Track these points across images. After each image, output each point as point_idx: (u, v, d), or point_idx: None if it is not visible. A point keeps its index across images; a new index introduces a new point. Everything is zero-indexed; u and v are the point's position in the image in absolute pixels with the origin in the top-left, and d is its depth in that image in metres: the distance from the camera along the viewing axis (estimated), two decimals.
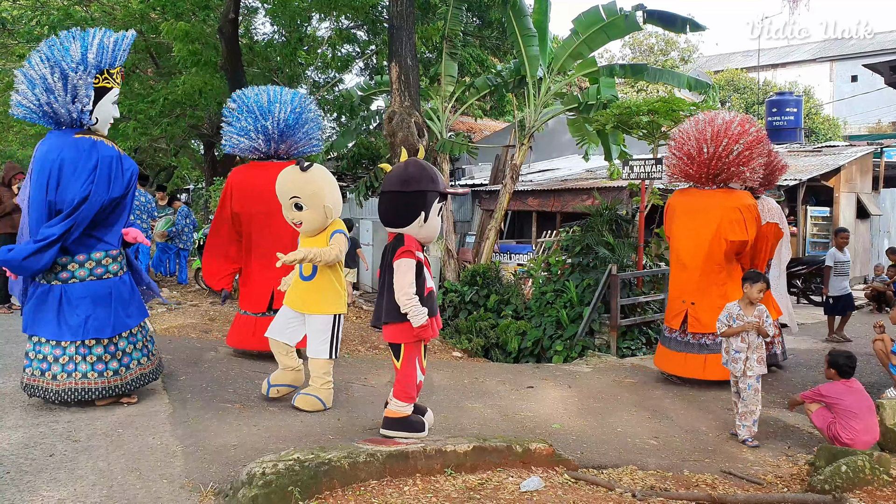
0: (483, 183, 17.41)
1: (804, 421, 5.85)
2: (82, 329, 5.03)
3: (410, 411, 4.95)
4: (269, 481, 3.54)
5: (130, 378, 5.24)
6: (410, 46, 10.96)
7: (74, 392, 5.04)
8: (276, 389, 5.64)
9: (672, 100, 10.41)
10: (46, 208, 5.00)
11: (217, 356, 7.15)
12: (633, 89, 29.37)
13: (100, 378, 5.10)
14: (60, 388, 5.01)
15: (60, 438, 4.53)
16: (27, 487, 3.78)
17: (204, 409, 5.31)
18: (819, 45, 42.93)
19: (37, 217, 5.03)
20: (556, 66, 12.72)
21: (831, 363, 5.36)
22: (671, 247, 7.44)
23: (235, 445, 4.55)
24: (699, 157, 7.01)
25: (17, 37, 16.85)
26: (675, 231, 7.29)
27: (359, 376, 6.93)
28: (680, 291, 7.21)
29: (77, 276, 5.09)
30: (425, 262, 4.89)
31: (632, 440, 5.47)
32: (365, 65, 20.27)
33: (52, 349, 5.04)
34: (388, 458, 3.93)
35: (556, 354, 9.39)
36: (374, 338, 9.28)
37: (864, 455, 4.42)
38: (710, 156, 6.94)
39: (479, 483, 3.95)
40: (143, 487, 3.85)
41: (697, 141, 7.01)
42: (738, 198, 7.03)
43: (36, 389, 5.05)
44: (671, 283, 7.48)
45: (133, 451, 4.38)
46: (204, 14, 14.47)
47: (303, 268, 5.48)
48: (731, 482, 4.65)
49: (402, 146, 10.66)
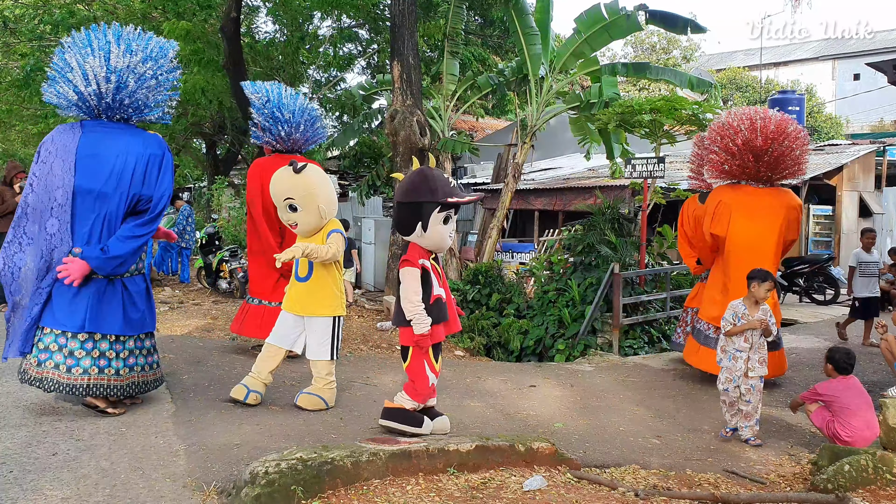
0: (485, 182, 17.43)
1: (806, 420, 5.84)
2: (140, 323, 5.15)
3: (412, 406, 4.94)
4: (272, 480, 3.54)
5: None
6: (412, 45, 10.96)
7: (140, 386, 5.15)
8: (255, 396, 5.51)
9: (674, 98, 10.40)
10: (127, 200, 5.00)
11: (219, 355, 7.15)
12: (636, 87, 29.36)
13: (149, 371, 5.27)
14: (124, 384, 5.04)
15: (63, 437, 4.54)
16: (31, 486, 3.79)
17: (206, 409, 5.31)
18: (821, 44, 42.89)
19: (110, 209, 4.96)
20: (559, 64, 12.71)
21: (829, 360, 5.36)
22: (728, 243, 6.99)
23: (238, 444, 4.56)
24: (762, 156, 6.81)
25: (19, 35, 16.90)
26: (736, 229, 6.92)
27: (361, 375, 6.93)
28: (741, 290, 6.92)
29: (130, 271, 5.16)
30: (433, 269, 4.89)
31: (634, 439, 5.47)
32: (367, 63, 20.30)
33: (110, 345, 5.03)
34: (391, 458, 3.93)
35: (558, 353, 9.38)
36: (376, 336, 9.29)
37: (868, 454, 4.41)
38: (773, 154, 6.80)
39: (482, 482, 3.95)
40: (147, 486, 3.85)
41: (762, 138, 6.78)
42: (793, 197, 7.05)
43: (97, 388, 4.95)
44: (718, 278, 7.25)
45: (136, 450, 4.39)
46: (205, 13, 14.51)
47: (299, 268, 5.48)
48: (733, 481, 4.65)
49: (404, 145, 10.68)
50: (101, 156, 4.98)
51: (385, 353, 8.36)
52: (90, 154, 4.97)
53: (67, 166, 4.93)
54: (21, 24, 16.82)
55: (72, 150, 4.95)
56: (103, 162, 4.97)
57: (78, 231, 4.97)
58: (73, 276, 4.83)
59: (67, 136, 5.02)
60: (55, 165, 4.95)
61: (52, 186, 4.94)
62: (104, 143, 5.03)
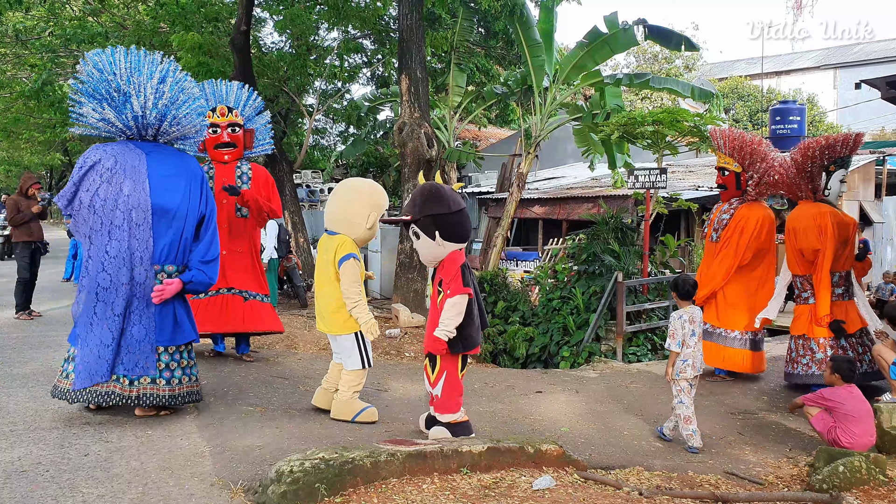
0: (489, 191, 17.65)
1: (804, 425, 6.04)
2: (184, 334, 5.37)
3: (452, 419, 5.18)
4: (296, 478, 3.76)
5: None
6: (420, 59, 11.21)
7: (188, 395, 5.35)
8: None
9: (676, 110, 10.63)
10: (196, 217, 5.31)
11: (234, 361, 7.36)
12: (638, 97, 29.58)
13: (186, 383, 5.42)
14: (175, 393, 5.24)
15: (93, 440, 4.76)
16: (68, 485, 4.00)
17: (227, 413, 5.53)
18: (822, 53, 43.15)
19: (189, 227, 5.26)
20: (562, 76, 12.96)
21: (834, 368, 5.55)
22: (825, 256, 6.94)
23: (260, 446, 4.77)
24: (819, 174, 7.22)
25: (30, 48, 17.18)
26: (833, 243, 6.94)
27: (372, 381, 7.14)
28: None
29: None
30: None
31: (638, 443, 5.67)
32: (371, 74, 20.56)
33: (183, 355, 5.33)
34: (408, 458, 4.14)
35: (563, 360, 9.58)
36: (384, 343, 9.51)
37: (861, 456, 4.63)
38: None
39: (494, 482, 4.16)
40: (176, 485, 4.07)
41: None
42: None
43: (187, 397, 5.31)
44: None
45: (163, 451, 4.60)
46: (212, 26, 14.73)
47: None
48: (733, 482, 4.85)
49: (412, 156, 10.91)
50: (173, 176, 5.23)
51: (394, 360, 8.57)
52: (163, 175, 5.18)
53: (140, 186, 5.08)
54: (32, 35, 17.08)
55: (142, 171, 5.12)
56: (176, 181, 5.22)
57: (157, 249, 5.15)
58: (166, 296, 5.12)
59: (132, 157, 5.15)
60: (125, 186, 5.05)
61: (126, 207, 5.05)
62: (169, 164, 5.27)
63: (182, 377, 5.27)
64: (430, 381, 5.19)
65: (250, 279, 7.29)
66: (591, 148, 13.99)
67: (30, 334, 8.21)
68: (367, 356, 5.57)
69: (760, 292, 7.66)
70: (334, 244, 5.41)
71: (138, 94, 5.16)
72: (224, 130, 7.25)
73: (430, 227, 5.06)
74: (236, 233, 7.23)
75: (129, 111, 5.19)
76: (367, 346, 5.55)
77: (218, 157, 7.29)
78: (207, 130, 7.15)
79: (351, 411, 5.57)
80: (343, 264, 5.33)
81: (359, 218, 5.44)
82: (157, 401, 5.16)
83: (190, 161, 5.46)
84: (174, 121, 5.36)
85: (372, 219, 5.48)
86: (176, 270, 5.23)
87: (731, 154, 7.70)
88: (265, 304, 7.33)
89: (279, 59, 16.35)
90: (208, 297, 7.01)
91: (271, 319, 7.33)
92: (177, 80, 5.34)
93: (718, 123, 11.12)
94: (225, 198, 7.13)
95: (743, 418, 6.51)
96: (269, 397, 6.09)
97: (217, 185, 7.15)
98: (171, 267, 5.22)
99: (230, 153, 7.29)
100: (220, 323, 7.03)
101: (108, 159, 5.11)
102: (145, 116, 5.23)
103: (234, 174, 7.26)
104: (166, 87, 5.25)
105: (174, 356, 5.26)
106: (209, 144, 7.27)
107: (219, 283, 7.05)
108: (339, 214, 5.49)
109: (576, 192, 15.00)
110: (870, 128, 32.51)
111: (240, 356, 7.49)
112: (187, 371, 5.33)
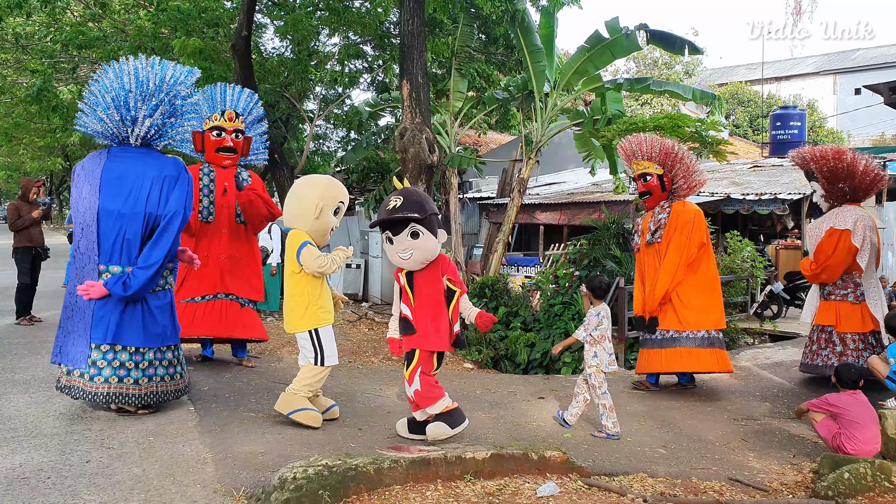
0: (490, 196, 17.65)
1: (809, 431, 6.03)
2: (161, 337, 5.49)
3: (443, 406, 5.29)
4: (300, 485, 3.74)
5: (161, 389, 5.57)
6: (421, 65, 11.21)
7: (164, 394, 5.52)
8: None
9: (677, 116, 10.64)
10: (143, 220, 5.33)
11: (236, 367, 7.34)
12: (638, 103, 29.62)
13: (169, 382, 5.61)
14: (142, 393, 5.38)
15: (95, 446, 4.74)
16: (69, 492, 3.98)
17: (229, 419, 5.51)
18: (822, 59, 43.23)
19: (131, 229, 5.30)
20: (563, 81, 12.96)
21: (839, 375, 5.54)
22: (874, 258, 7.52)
23: (262, 452, 4.75)
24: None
25: (30, 52, 17.18)
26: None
27: (374, 387, 7.13)
28: None
29: (154, 288, 5.47)
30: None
31: (641, 449, 5.65)
32: (372, 80, 20.55)
33: (130, 356, 5.35)
34: (411, 465, 4.12)
35: (564, 366, 9.55)
36: (386, 349, 9.47)
37: (866, 463, 4.60)
38: None
39: (498, 488, 4.14)
40: (179, 492, 4.05)
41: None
42: None
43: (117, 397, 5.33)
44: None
45: (165, 457, 4.58)
46: (213, 31, 14.74)
47: None
48: (737, 489, 4.83)
49: (413, 162, 10.91)
50: (123, 178, 5.33)
51: (396, 365, 8.54)
52: (114, 177, 5.34)
53: (93, 189, 5.32)
54: (32, 41, 17.08)
55: (97, 174, 5.36)
56: (124, 184, 5.32)
57: (103, 249, 5.32)
58: (92, 296, 5.22)
59: (94, 162, 5.44)
60: (84, 189, 5.36)
61: (83, 208, 5.35)
62: (127, 166, 5.38)
63: (111, 377, 5.28)
64: (408, 380, 5.34)
65: (246, 286, 7.28)
66: (592, 153, 13.99)
67: (30, 340, 8.19)
68: (322, 354, 5.47)
69: (712, 288, 7.49)
70: (290, 240, 5.49)
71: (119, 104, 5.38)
72: (229, 135, 7.23)
73: (434, 225, 5.27)
74: (235, 238, 7.20)
75: (127, 126, 5.43)
76: (322, 344, 5.47)
77: (218, 160, 7.23)
78: (211, 133, 7.15)
79: (289, 406, 5.46)
80: (301, 252, 5.37)
81: (309, 210, 5.44)
82: (77, 394, 5.32)
83: (156, 163, 5.46)
84: (163, 134, 5.60)
85: (321, 211, 5.44)
86: (121, 271, 5.30)
87: (651, 157, 7.54)
88: (254, 312, 7.34)
89: (280, 64, 16.35)
90: (205, 302, 7.00)
91: (257, 327, 7.31)
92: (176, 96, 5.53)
93: (719, 129, 11.16)
94: (226, 203, 7.11)
95: (746, 424, 6.49)
96: (271, 403, 6.01)
97: (218, 188, 7.12)
98: (116, 267, 5.32)
99: (230, 158, 7.27)
100: (214, 328, 7.00)
101: (79, 166, 5.48)
102: (141, 136, 5.49)
103: (234, 181, 7.23)
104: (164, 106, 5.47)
105: (106, 355, 5.30)
106: (210, 147, 7.19)
107: (218, 289, 7.03)
108: (293, 210, 5.54)
109: (577, 198, 14.99)
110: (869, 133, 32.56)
111: (239, 361, 7.46)
112: (117, 372, 5.30)
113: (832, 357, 7.51)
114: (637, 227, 7.84)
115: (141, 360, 5.38)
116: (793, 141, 21.35)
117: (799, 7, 23.55)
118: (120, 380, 5.28)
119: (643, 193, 7.72)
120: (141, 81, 5.33)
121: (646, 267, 7.59)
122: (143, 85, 5.35)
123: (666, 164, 7.53)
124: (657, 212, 7.59)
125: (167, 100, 5.48)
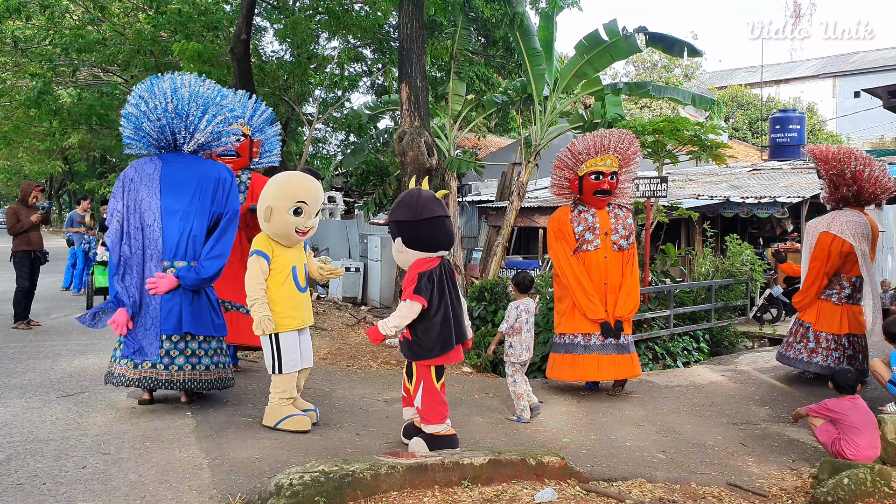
0: (490, 199, 17.65)
1: (808, 436, 6.00)
2: (223, 327, 6.00)
3: (435, 431, 5.16)
4: (296, 492, 3.71)
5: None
6: (420, 68, 11.20)
7: (227, 381, 5.94)
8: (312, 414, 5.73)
9: (676, 120, 10.62)
10: (208, 217, 5.79)
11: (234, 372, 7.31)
12: (637, 107, 29.61)
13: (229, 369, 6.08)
14: (213, 378, 5.80)
15: (91, 451, 4.72)
16: (64, 498, 3.96)
17: (226, 424, 5.48)
18: (821, 61, 43.26)
19: (198, 226, 5.72)
20: (562, 84, 12.95)
21: (837, 380, 5.52)
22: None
23: (259, 458, 4.73)
24: None
25: (30, 56, 17.18)
26: None
27: (372, 391, 7.11)
28: None
29: None
30: None
31: (640, 454, 5.62)
32: (371, 83, 20.58)
33: (199, 345, 5.76)
34: (409, 471, 4.10)
35: None
36: (384, 353, 9.45)
37: (866, 468, 4.58)
38: None
39: (495, 495, 4.11)
40: (175, 498, 4.02)
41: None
42: None
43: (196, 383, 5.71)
44: None
45: (161, 463, 4.56)
46: (212, 35, 14.74)
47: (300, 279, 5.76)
48: (737, 494, 4.81)
49: (412, 165, 10.89)
50: (187, 181, 5.76)
51: (394, 370, 8.52)
52: (176, 181, 5.74)
53: (152, 191, 5.70)
54: (31, 44, 17.09)
55: (156, 178, 5.74)
56: (187, 186, 5.73)
57: (167, 246, 5.67)
58: (161, 290, 5.57)
59: (150, 168, 5.79)
60: (141, 192, 5.70)
61: (141, 210, 5.68)
62: (187, 170, 5.81)
63: (184, 364, 5.65)
64: (411, 393, 5.27)
65: (237, 290, 7.23)
66: None
67: (28, 344, 8.17)
68: (281, 362, 5.38)
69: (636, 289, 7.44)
70: (253, 242, 5.50)
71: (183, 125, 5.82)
72: None
73: (395, 233, 5.19)
74: None
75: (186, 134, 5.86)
76: (282, 350, 5.38)
77: None
78: None
79: (274, 418, 5.42)
80: (249, 260, 5.39)
81: (260, 213, 5.42)
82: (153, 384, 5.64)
83: (212, 167, 5.94)
84: (205, 144, 6.02)
85: (271, 213, 5.31)
86: (187, 265, 5.67)
87: (616, 152, 7.21)
88: (247, 317, 7.30)
89: (279, 67, 16.37)
90: None
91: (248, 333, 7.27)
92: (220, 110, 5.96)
93: (718, 132, 11.15)
94: None
95: (745, 428, 6.46)
96: None
97: None
98: (181, 262, 5.67)
99: (232, 162, 7.24)
100: None
101: (131, 171, 5.81)
102: (185, 143, 5.90)
103: None
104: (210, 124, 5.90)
105: (178, 344, 5.65)
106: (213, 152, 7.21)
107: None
108: (259, 211, 5.50)
109: None
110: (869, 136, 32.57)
111: (234, 367, 7.42)
112: (191, 360, 5.69)
113: (803, 352, 7.87)
114: (589, 225, 7.26)
115: (209, 348, 5.81)
116: (793, 144, 21.37)
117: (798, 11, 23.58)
118: (193, 367, 5.68)
119: (605, 192, 7.23)
120: (200, 94, 5.80)
121: (609, 270, 7.21)
122: (200, 98, 5.81)
123: (623, 160, 7.33)
124: (622, 215, 7.33)
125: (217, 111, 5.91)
